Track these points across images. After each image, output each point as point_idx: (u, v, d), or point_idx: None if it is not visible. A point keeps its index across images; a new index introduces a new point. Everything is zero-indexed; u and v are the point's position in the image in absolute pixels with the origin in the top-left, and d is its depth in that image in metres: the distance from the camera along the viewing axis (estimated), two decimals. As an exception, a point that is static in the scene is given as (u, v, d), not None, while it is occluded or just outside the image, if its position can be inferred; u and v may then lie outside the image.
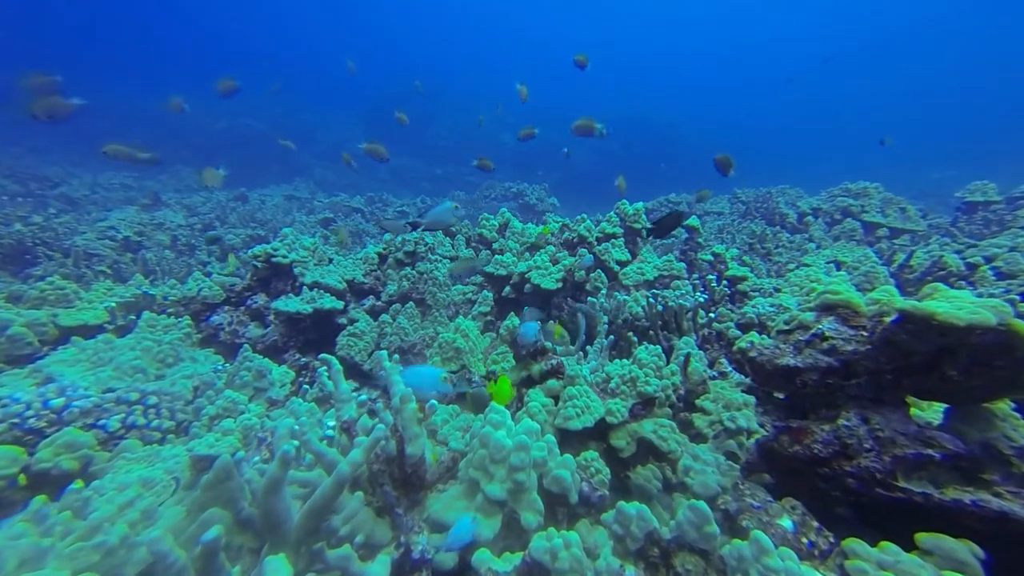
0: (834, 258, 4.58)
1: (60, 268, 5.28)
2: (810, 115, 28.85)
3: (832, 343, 1.37)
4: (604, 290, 3.08)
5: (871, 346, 1.32)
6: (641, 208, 3.46)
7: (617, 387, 1.84)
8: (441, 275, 3.36)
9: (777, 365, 1.44)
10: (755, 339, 1.83)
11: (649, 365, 1.91)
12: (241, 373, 2.10)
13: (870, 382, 1.33)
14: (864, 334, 1.35)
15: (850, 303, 1.41)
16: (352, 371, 2.99)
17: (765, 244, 5.45)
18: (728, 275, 3.76)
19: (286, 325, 2.99)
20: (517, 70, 30.17)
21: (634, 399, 1.80)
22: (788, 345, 1.46)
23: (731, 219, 7.41)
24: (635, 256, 3.46)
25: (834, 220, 6.32)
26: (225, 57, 28.10)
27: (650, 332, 2.75)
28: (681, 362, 2.11)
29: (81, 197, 11.67)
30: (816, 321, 1.44)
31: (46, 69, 2.64)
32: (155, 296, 2.74)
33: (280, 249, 3.20)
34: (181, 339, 2.37)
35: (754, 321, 2.74)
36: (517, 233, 3.85)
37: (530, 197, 11.20)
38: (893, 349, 1.29)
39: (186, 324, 2.45)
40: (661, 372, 1.93)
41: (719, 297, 3.25)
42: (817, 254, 5.01)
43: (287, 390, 2.21)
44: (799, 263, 4.85)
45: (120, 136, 13.64)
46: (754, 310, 2.77)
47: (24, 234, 5.64)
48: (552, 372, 2.01)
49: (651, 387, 1.80)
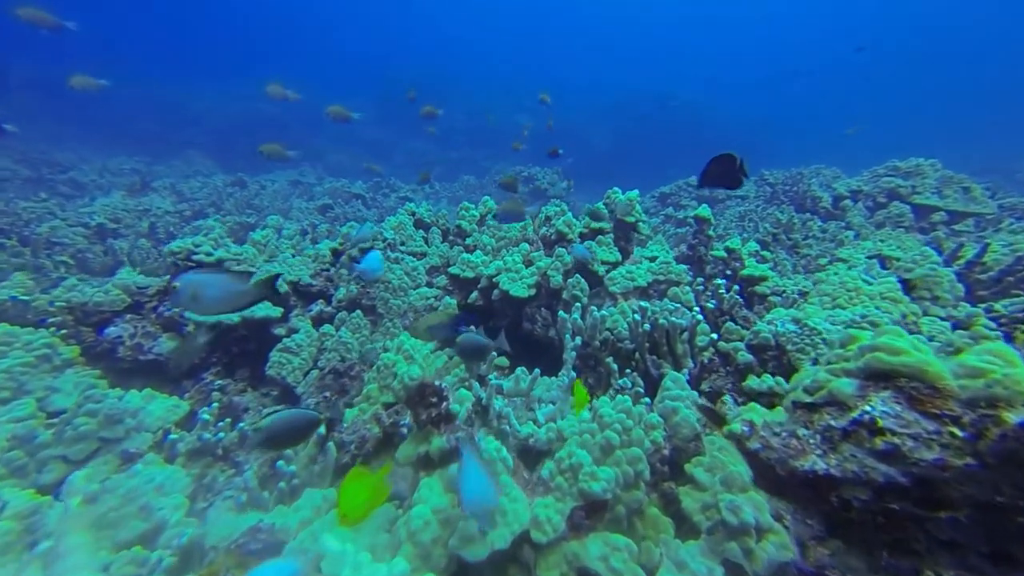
0: (877, 251, 3.83)
1: (14, 257, 5.01)
2: (849, 92, 26.70)
3: (892, 442, 0.81)
4: (584, 299, 2.51)
5: (977, 461, 0.75)
6: (635, 198, 2.84)
7: (551, 478, 1.30)
8: (396, 277, 2.85)
9: (795, 469, 0.89)
10: (757, 416, 1.26)
11: (613, 426, 1.37)
12: (77, 420, 1.64)
13: (980, 522, 0.76)
14: (956, 432, 0.78)
15: (925, 372, 0.83)
16: (286, 395, 2.54)
17: (792, 234, 4.72)
18: (743, 274, 3.13)
19: (208, 337, 2.55)
20: (534, 48, 29.01)
21: (575, 500, 1.25)
22: (813, 434, 0.90)
23: (755, 205, 6.62)
24: (627, 256, 2.86)
25: (878, 204, 5.46)
26: (237, 40, 27.86)
27: (635, 358, 2.18)
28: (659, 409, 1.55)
29: (88, 182, 11.62)
30: (861, 397, 0.87)
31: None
32: (28, 303, 2.32)
33: (203, 245, 2.75)
34: (33, 363, 1.90)
35: (770, 343, 2.13)
36: (494, 227, 3.30)
37: (541, 181, 10.55)
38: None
39: (42, 342, 1.98)
40: (631, 435, 1.38)
41: (729, 307, 2.64)
42: (855, 245, 4.25)
43: (158, 437, 1.73)
44: (833, 257, 4.12)
45: (135, 121, 13.46)
46: (771, 328, 2.15)
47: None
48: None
49: (597, 485, 1.24)
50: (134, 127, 16.52)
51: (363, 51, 27.46)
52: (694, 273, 3.16)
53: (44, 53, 18.52)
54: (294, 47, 28.11)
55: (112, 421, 1.62)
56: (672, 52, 30.49)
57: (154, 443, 1.66)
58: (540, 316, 2.62)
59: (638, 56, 28.76)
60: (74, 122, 15.83)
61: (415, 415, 1.55)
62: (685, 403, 1.63)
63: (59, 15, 2.89)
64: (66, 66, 18.85)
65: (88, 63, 19.54)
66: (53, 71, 18.38)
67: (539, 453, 1.53)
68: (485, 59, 25.66)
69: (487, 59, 25.61)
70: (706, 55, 30.04)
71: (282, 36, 29.25)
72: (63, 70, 15.99)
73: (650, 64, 27.41)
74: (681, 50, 30.67)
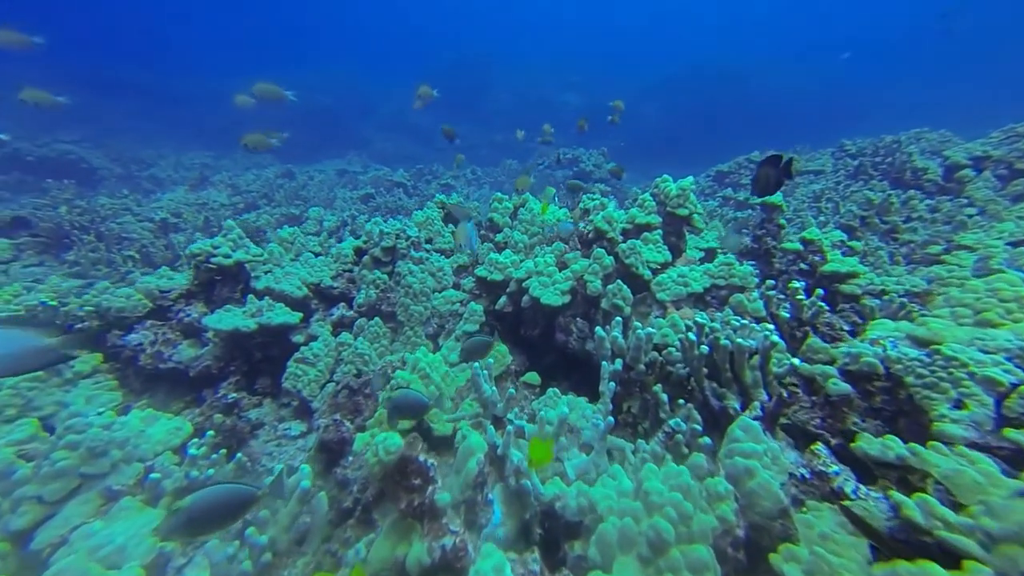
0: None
1: (92, 252, 5.35)
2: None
3: None
4: (627, 310, 2.13)
5: None
6: (689, 186, 2.38)
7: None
8: (417, 281, 2.61)
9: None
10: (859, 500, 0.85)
11: (666, 510, 1.03)
12: (55, 455, 1.52)
13: None
14: None
15: None
16: (302, 409, 2.40)
17: (887, 216, 3.95)
18: (824, 270, 2.60)
19: (227, 344, 2.45)
20: (580, 22, 27.50)
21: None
22: None
23: (834, 181, 5.76)
24: (679, 255, 2.43)
25: (1014, 172, 4.37)
26: (289, 28, 28.67)
27: (690, 384, 1.79)
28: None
29: (165, 177, 12.49)
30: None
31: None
32: (58, 308, 2.31)
33: (222, 247, 2.64)
34: (42, 376, 1.84)
35: (875, 369, 1.66)
36: (526, 221, 2.96)
37: (586, 164, 9.99)
38: None
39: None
40: (691, 525, 1.04)
41: (811, 316, 2.16)
42: (987, 228, 3.38)
43: (142, 469, 1.57)
44: (950, 243, 3.33)
45: (205, 117, 14.21)
46: (877, 351, 1.67)
47: (63, 217, 5.80)
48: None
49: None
50: (205, 123, 17.58)
51: (405, 35, 27.42)
52: (762, 272, 2.67)
53: (139, 57, 20.13)
54: (339, 36, 28.57)
55: (95, 455, 1.51)
56: (729, 18, 27.85)
57: (136, 481, 1.53)
58: (575, 327, 2.28)
59: (693, 26, 26.58)
60: (158, 119, 17.14)
61: (393, 497, 1.27)
62: (764, 461, 1.25)
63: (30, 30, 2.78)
64: (160, 70, 19.89)
65: (176, 65, 20.56)
66: (142, 75, 19.91)
67: (568, 525, 1.23)
68: (528, 34, 24.75)
69: (531, 34, 24.69)
70: (767, 18, 27.17)
71: (326, 27, 29.85)
72: (153, 74, 16.82)
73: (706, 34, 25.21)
74: (739, 15, 27.95)
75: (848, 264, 2.60)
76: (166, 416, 1.87)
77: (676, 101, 18.61)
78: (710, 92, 17.97)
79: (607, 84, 20.34)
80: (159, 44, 24.52)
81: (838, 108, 18.25)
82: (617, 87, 20.27)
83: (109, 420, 1.61)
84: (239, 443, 1.91)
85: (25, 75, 17.97)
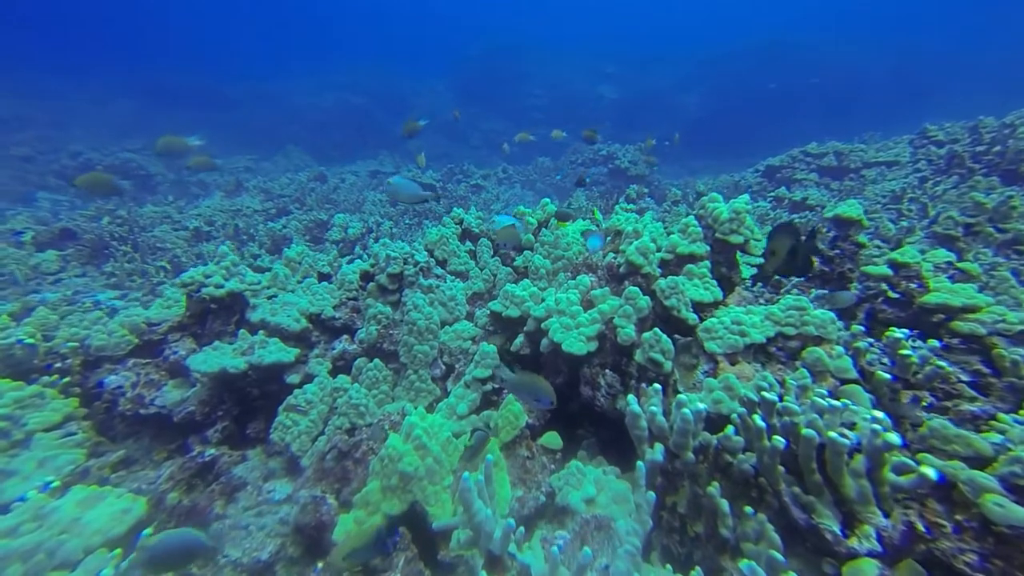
0: None
1: (129, 263, 5.43)
2: None
3: None
4: (667, 365, 1.69)
5: None
6: (744, 208, 1.89)
7: None
8: (422, 317, 2.27)
9: None
10: None
11: None
12: None
13: None
14: None
15: None
16: (290, 465, 2.13)
17: (1008, 224, 3.22)
18: (925, 301, 2.06)
19: (215, 386, 2.22)
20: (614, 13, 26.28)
21: None
22: None
23: (916, 176, 4.96)
24: (731, 289, 1.96)
25: None
26: (320, 24, 29.17)
27: (757, 483, 1.35)
28: None
29: (211, 182, 12.92)
30: None
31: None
32: (36, 347, 2.14)
33: (214, 276, 2.41)
34: None
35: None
36: (549, 243, 2.56)
37: (621, 160, 9.41)
38: None
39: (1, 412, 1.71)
40: None
41: (922, 379, 1.64)
42: None
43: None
44: None
45: (248, 121, 14.60)
46: None
47: (104, 229, 5.93)
48: None
49: None
50: (248, 126, 18.17)
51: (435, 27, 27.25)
52: (842, 312, 2.14)
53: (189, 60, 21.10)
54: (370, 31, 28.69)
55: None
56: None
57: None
58: (604, 380, 1.87)
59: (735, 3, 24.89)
60: (207, 124, 17.94)
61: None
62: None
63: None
64: (208, 72, 20.67)
65: (218, 68, 21.42)
66: (192, 80, 20.87)
67: None
68: (562, 22, 23.94)
69: (564, 22, 23.88)
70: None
71: (356, 22, 30.11)
72: (201, 77, 17.41)
73: (751, 10, 23.46)
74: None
75: (964, 293, 2.03)
76: (114, 494, 1.62)
77: (722, 85, 17.41)
78: (754, 79, 16.69)
79: (642, 72, 19.31)
80: (203, 48, 25.63)
81: (904, 88, 16.48)
82: (654, 78, 19.21)
83: (41, 503, 1.37)
84: (201, 524, 1.66)
85: (86, 86, 19.11)
